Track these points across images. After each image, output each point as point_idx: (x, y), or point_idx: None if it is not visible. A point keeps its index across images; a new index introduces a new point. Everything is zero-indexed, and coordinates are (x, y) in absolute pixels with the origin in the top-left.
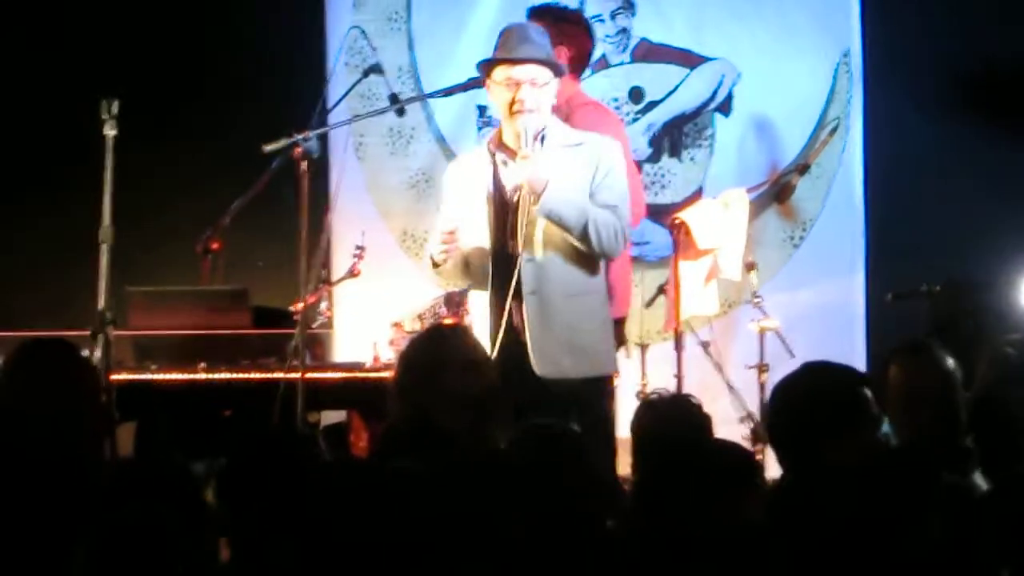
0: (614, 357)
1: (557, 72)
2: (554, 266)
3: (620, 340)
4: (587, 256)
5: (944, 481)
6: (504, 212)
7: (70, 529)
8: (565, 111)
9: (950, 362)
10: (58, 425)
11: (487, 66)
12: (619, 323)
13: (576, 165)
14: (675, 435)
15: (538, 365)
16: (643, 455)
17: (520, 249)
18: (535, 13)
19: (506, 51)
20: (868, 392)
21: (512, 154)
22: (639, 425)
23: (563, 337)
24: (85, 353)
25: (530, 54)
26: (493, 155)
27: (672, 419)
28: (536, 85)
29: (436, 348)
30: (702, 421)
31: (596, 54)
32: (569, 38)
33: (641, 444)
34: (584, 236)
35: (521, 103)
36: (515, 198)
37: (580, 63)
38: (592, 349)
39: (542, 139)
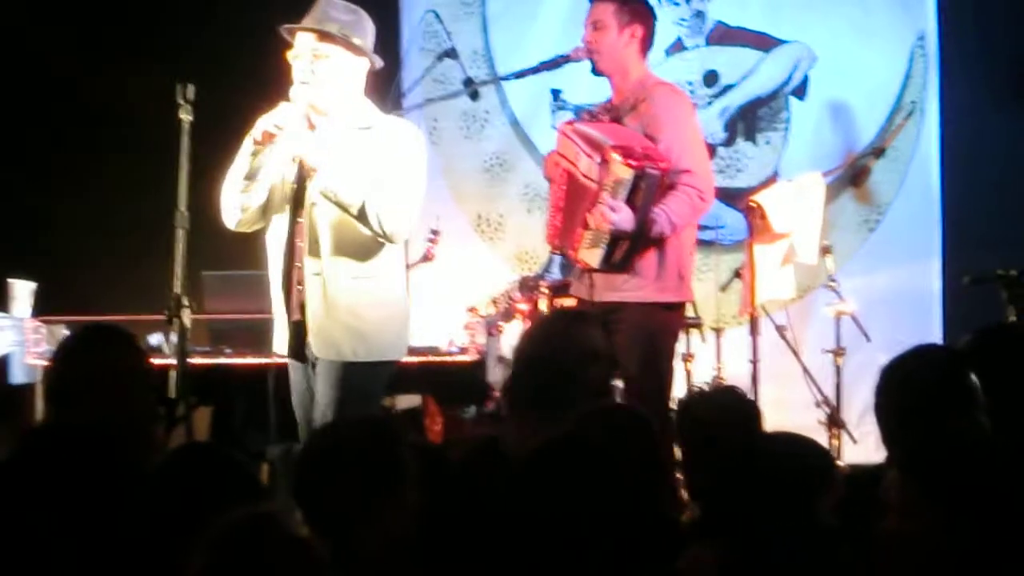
0: (400, 343)
1: (354, 50)
2: (339, 247)
3: (680, 326)
4: (373, 239)
5: None
6: (300, 187)
7: (111, 513)
8: (640, 92)
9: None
10: (103, 411)
11: (291, 35)
12: (682, 307)
13: (365, 148)
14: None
15: (318, 348)
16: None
17: (305, 229)
18: None
19: (300, 21)
20: (974, 377)
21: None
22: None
23: (345, 321)
24: (156, 339)
25: (308, 24)
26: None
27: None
28: (318, 57)
29: (564, 332)
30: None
31: (671, 37)
32: (641, 17)
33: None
34: (363, 217)
35: (297, 75)
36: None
37: (649, 43)
38: (375, 335)
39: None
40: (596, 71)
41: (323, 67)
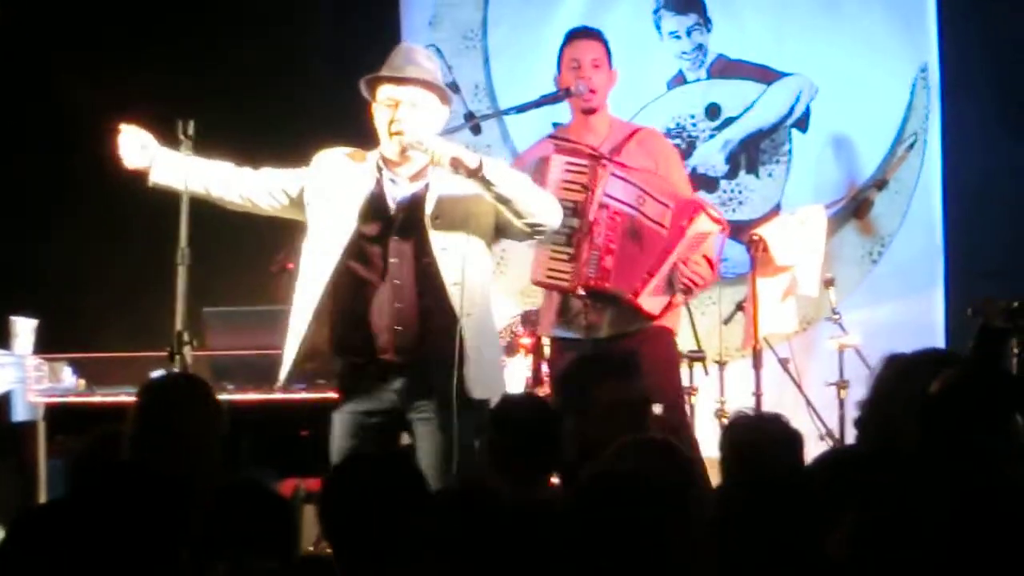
0: None
1: (443, 98)
2: (475, 287)
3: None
4: (488, 276)
5: None
6: (385, 231)
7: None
8: (623, 133)
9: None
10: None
11: (371, 86)
12: None
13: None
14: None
15: (480, 390)
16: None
17: (442, 271)
18: (595, 35)
19: (391, 70)
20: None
21: (394, 167)
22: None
23: (494, 359)
24: (158, 376)
25: (416, 75)
26: (380, 171)
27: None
28: (416, 107)
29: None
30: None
31: (673, 70)
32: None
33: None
34: (525, 203)
35: (399, 123)
36: (401, 217)
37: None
38: (500, 367)
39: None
40: (586, 110)
41: (422, 118)
